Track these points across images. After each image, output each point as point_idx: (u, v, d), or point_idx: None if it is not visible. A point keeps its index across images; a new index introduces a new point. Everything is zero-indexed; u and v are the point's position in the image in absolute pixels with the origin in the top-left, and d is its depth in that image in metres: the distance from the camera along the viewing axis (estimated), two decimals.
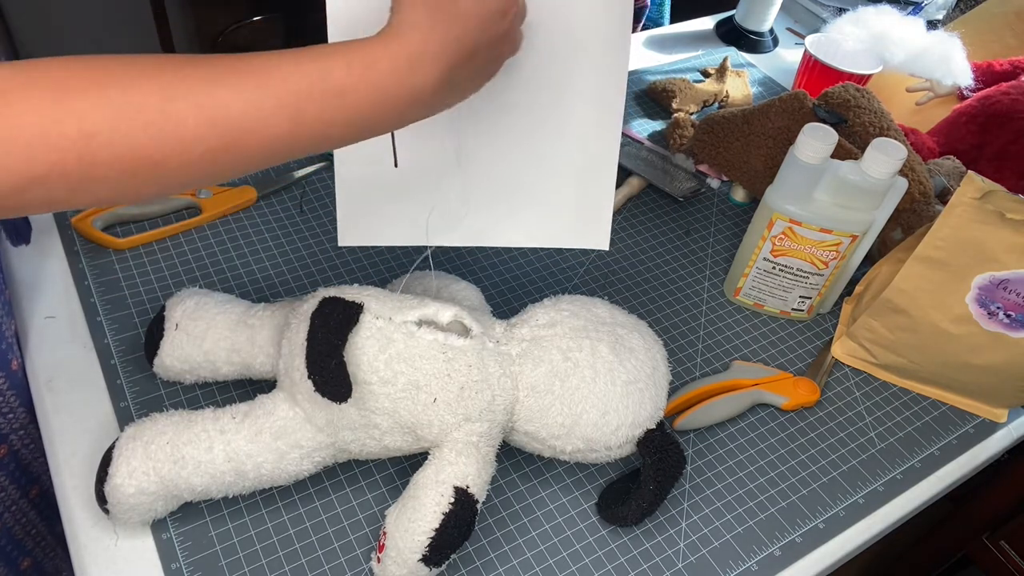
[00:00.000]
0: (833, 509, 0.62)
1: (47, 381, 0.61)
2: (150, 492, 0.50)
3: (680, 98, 1.00)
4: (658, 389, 0.58)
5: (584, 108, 0.57)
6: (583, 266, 0.79)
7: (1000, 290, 0.62)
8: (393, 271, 0.74)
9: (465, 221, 0.61)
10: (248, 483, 0.53)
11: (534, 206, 0.61)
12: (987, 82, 0.94)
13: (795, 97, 0.82)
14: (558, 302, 0.60)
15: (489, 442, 0.55)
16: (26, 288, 0.67)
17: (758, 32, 1.16)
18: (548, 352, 0.56)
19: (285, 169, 0.83)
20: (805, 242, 0.69)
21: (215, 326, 0.58)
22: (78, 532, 0.54)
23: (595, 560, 0.57)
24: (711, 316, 0.76)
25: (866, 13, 0.99)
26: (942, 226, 0.62)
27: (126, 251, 0.72)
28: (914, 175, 0.76)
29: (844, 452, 0.66)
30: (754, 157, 0.84)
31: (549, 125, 0.57)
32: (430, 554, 0.50)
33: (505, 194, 0.60)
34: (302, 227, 0.77)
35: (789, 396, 0.67)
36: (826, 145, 0.64)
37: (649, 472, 0.56)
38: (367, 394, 0.52)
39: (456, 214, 0.60)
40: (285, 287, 0.71)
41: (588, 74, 0.55)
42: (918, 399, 0.72)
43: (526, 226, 0.62)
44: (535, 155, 0.59)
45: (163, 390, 0.61)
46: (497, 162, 0.59)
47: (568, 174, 0.59)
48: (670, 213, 0.87)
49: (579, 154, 0.58)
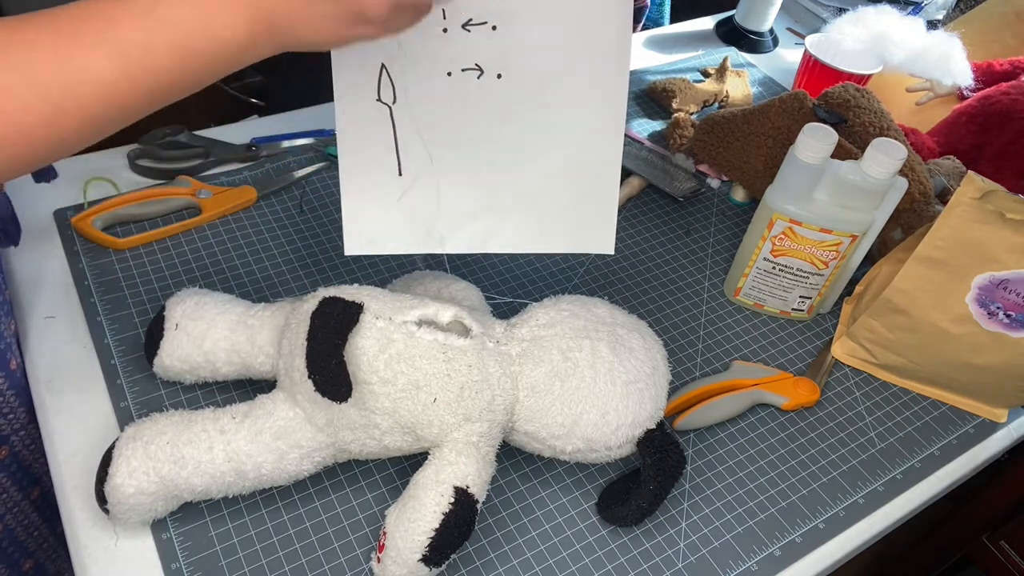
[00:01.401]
0: (833, 509, 0.62)
1: (47, 381, 0.61)
2: (150, 492, 0.50)
3: (680, 98, 1.00)
4: (658, 389, 0.58)
5: (586, 114, 0.57)
6: (583, 266, 0.79)
7: (1000, 290, 0.62)
8: (393, 271, 0.74)
9: (470, 228, 0.61)
10: (248, 483, 0.53)
11: (538, 212, 0.61)
12: (987, 82, 0.94)
13: (795, 97, 0.82)
14: (558, 302, 0.60)
15: (489, 442, 0.55)
16: (26, 288, 0.67)
17: (758, 32, 1.16)
18: (548, 352, 0.56)
19: (285, 169, 0.83)
20: (805, 242, 0.69)
21: (215, 326, 0.58)
22: (78, 532, 0.54)
23: (595, 560, 0.57)
24: (711, 316, 0.76)
25: (866, 13, 0.99)
26: (942, 226, 0.62)
27: (126, 251, 0.72)
28: (914, 175, 0.76)
29: (844, 452, 0.66)
30: (754, 157, 0.84)
31: (552, 132, 0.57)
32: (430, 554, 0.50)
33: (509, 200, 0.60)
34: (302, 227, 0.77)
35: (789, 396, 0.67)
36: (826, 145, 0.64)
37: (649, 472, 0.56)
38: (367, 394, 0.52)
39: (461, 222, 0.61)
40: (285, 287, 0.71)
41: (589, 80, 0.55)
42: (918, 399, 0.72)
43: (531, 232, 0.62)
44: (538, 161, 0.59)
45: (163, 390, 0.61)
46: (501, 169, 0.59)
47: (571, 180, 0.59)
48: (670, 213, 0.87)
49: (582, 160, 0.59)
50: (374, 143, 0.57)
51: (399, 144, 0.57)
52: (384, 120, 0.56)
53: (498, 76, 0.55)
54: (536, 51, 0.54)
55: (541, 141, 0.58)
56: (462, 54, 0.54)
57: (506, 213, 0.61)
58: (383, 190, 0.59)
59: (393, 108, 0.55)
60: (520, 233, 0.62)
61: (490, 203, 0.60)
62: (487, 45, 0.53)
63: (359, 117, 0.55)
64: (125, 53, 0.38)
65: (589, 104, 0.56)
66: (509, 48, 0.54)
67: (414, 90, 0.55)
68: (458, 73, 0.54)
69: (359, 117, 0.55)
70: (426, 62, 0.54)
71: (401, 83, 0.54)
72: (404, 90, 0.55)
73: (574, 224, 0.61)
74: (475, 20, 0.52)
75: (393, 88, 0.54)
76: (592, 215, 0.61)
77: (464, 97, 0.55)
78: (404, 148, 0.57)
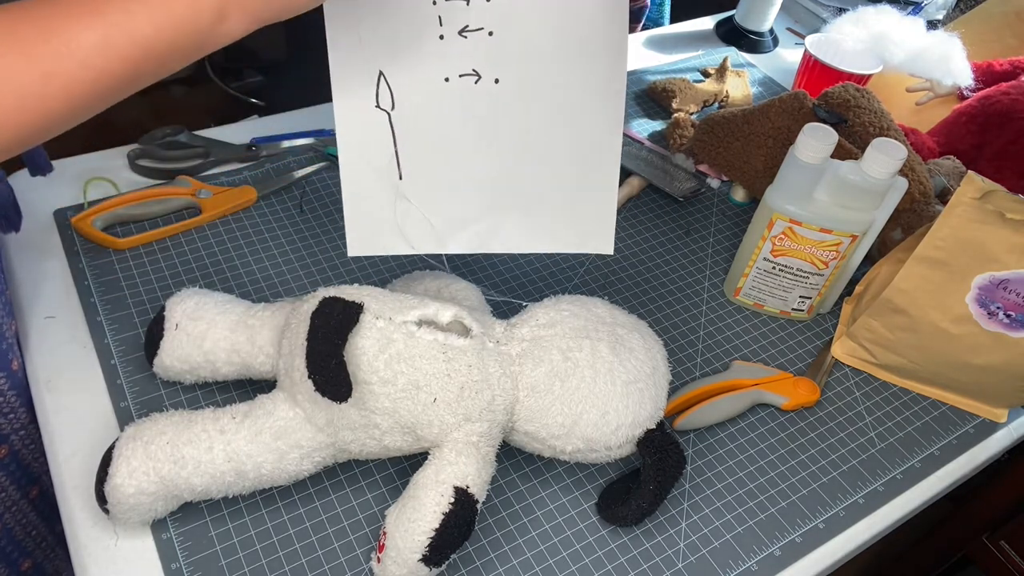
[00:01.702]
0: (833, 509, 0.62)
1: (47, 381, 0.61)
2: (150, 492, 0.50)
3: (680, 98, 1.00)
4: (658, 389, 0.58)
5: (584, 115, 0.57)
6: (583, 266, 0.79)
7: (1000, 290, 0.62)
8: (393, 271, 0.74)
9: (470, 229, 0.61)
10: (248, 483, 0.53)
11: (538, 212, 0.61)
12: (987, 82, 0.94)
13: (795, 97, 0.82)
14: (558, 302, 0.60)
15: (489, 442, 0.55)
16: (26, 288, 0.67)
17: (758, 32, 1.16)
18: (548, 352, 0.56)
19: (285, 169, 0.83)
20: (805, 242, 0.69)
21: (215, 326, 0.58)
22: (78, 532, 0.54)
23: (595, 560, 0.57)
24: (711, 316, 0.76)
25: (866, 13, 0.99)
26: (942, 226, 0.62)
27: (126, 251, 0.72)
28: (914, 175, 0.76)
29: (844, 452, 0.66)
30: (754, 157, 0.84)
31: (550, 134, 0.58)
32: (430, 554, 0.50)
33: (509, 201, 0.61)
34: (302, 227, 0.77)
35: (789, 396, 0.67)
36: (826, 145, 0.64)
37: (649, 472, 0.56)
38: (367, 394, 0.52)
39: (461, 223, 0.61)
40: (285, 287, 0.71)
41: (586, 82, 0.55)
42: (918, 399, 0.72)
43: (530, 232, 0.62)
44: (537, 163, 0.59)
45: (163, 390, 0.61)
46: (500, 170, 0.59)
47: (570, 181, 0.60)
48: (670, 213, 0.87)
49: (581, 161, 0.59)
50: (374, 148, 0.57)
51: (399, 148, 0.57)
52: (383, 126, 0.56)
53: (495, 81, 0.55)
54: (533, 55, 0.54)
55: (540, 143, 0.58)
56: (459, 60, 0.54)
57: (506, 214, 0.61)
58: (384, 193, 0.59)
59: (392, 114, 0.55)
60: (520, 233, 0.62)
61: (490, 204, 0.60)
62: (484, 50, 0.54)
63: (358, 123, 0.56)
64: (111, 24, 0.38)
65: (587, 106, 0.56)
66: (506, 53, 0.54)
67: (412, 96, 0.55)
68: (456, 79, 0.55)
69: (358, 123, 0.56)
70: (423, 68, 0.54)
71: (399, 89, 0.55)
72: (402, 96, 0.55)
73: (573, 225, 0.62)
74: (472, 26, 0.52)
75: (391, 94, 0.55)
76: (591, 216, 0.61)
77: (462, 101, 0.56)
78: (404, 152, 0.57)
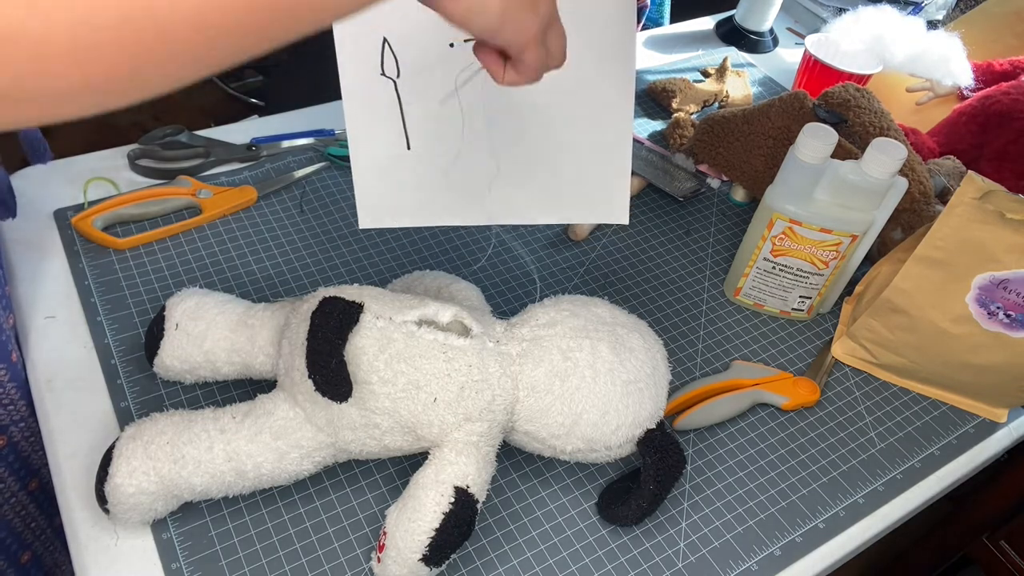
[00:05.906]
0: (833, 509, 0.62)
1: (47, 381, 0.61)
2: (150, 492, 0.50)
3: (680, 98, 1.00)
4: (658, 389, 0.58)
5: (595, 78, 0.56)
6: (583, 266, 0.79)
7: (1000, 290, 0.62)
8: (393, 271, 0.74)
9: (482, 201, 0.60)
10: (248, 483, 0.53)
11: (554, 184, 0.60)
12: (987, 82, 0.94)
13: (795, 97, 0.82)
14: (558, 302, 0.60)
15: (489, 442, 0.55)
16: (26, 288, 0.67)
17: (758, 32, 1.16)
18: (548, 352, 0.56)
19: (285, 169, 0.83)
20: (805, 242, 0.69)
21: (215, 326, 0.58)
22: (78, 532, 0.54)
23: (595, 560, 0.57)
24: (711, 316, 0.76)
25: (866, 13, 0.99)
26: (942, 226, 0.62)
27: (126, 251, 0.72)
28: (914, 175, 0.76)
29: (844, 452, 0.66)
30: (754, 157, 0.84)
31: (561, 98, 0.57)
32: (430, 554, 0.50)
33: (520, 170, 0.60)
34: (302, 227, 0.77)
35: (789, 396, 0.67)
36: (826, 145, 0.64)
37: (649, 472, 0.56)
38: (367, 394, 0.52)
39: (472, 194, 0.60)
40: (285, 287, 0.71)
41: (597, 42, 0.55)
42: (918, 399, 0.72)
43: (546, 203, 0.61)
44: (548, 129, 0.58)
45: (163, 390, 0.61)
46: (510, 139, 0.58)
47: (583, 148, 0.59)
48: (670, 213, 0.87)
49: (592, 126, 0.58)
50: (381, 118, 0.56)
51: (406, 118, 0.56)
52: (390, 94, 0.55)
53: None
54: None
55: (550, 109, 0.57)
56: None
57: (517, 184, 0.60)
58: (393, 164, 0.58)
59: (397, 82, 0.55)
60: (535, 205, 0.61)
61: (500, 174, 0.60)
62: None
63: (364, 93, 0.55)
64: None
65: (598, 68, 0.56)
66: None
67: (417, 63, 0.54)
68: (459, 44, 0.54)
69: (364, 93, 0.55)
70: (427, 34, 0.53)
71: (404, 56, 0.54)
72: (407, 63, 0.54)
73: (589, 196, 0.61)
74: None
75: (396, 61, 0.54)
76: (606, 187, 0.60)
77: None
78: (411, 121, 0.56)
